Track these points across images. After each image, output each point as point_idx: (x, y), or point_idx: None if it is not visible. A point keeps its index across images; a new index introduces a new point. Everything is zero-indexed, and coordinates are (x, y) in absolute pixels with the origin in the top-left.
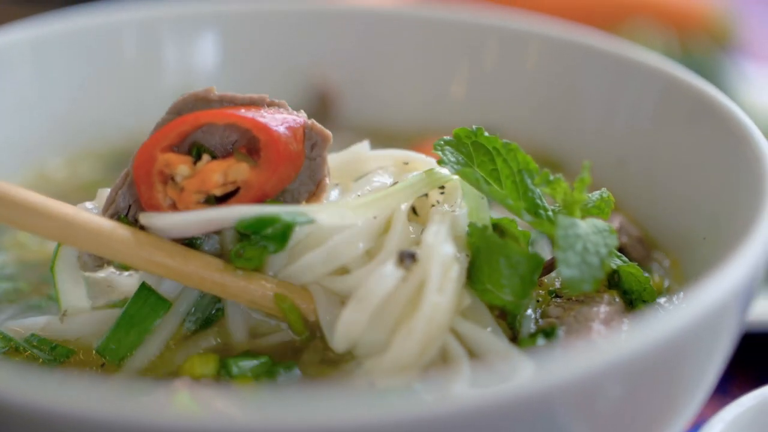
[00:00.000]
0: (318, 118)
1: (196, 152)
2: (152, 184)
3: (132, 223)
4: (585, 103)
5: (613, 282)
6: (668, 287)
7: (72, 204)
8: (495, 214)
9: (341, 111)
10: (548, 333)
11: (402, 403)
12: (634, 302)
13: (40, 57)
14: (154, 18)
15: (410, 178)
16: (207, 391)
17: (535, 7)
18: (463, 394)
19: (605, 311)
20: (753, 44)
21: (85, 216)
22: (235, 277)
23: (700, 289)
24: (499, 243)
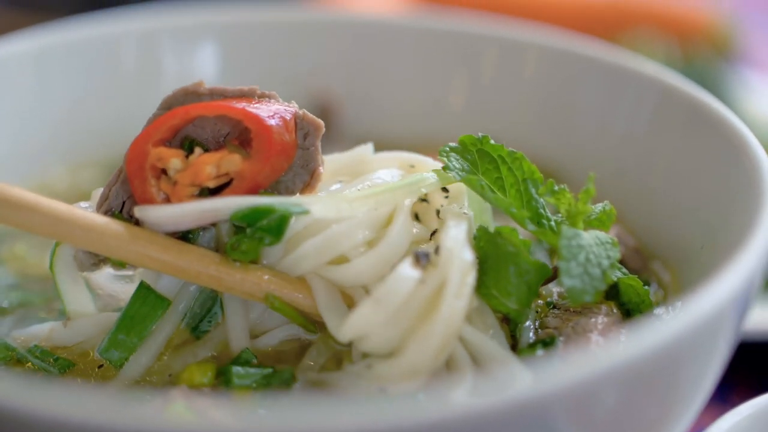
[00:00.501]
0: None
1: (188, 146)
2: (145, 178)
3: (127, 219)
4: (582, 112)
5: (610, 293)
6: (665, 297)
7: None
8: (496, 223)
9: (341, 121)
10: (547, 343)
11: (398, 411)
12: (632, 313)
13: (41, 67)
14: (153, 28)
15: (413, 176)
16: (203, 401)
17: (538, 16)
18: (461, 402)
19: (603, 322)
20: (755, 53)
21: (78, 212)
22: (231, 269)
23: (696, 297)
24: (509, 251)
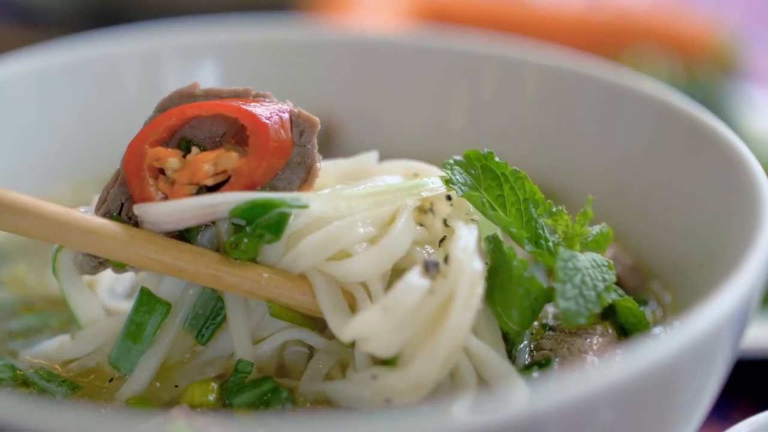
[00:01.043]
0: (320, 147)
1: (185, 147)
2: (143, 178)
3: (125, 221)
4: (581, 130)
5: (606, 313)
6: (664, 316)
7: None
8: None
9: (344, 140)
10: (543, 365)
11: (394, 427)
12: (628, 333)
13: (44, 86)
14: (155, 48)
15: (416, 180)
16: (204, 419)
17: (539, 32)
18: (460, 419)
19: (599, 342)
20: (758, 69)
21: (76, 215)
22: (231, 268)
23: (692, 317)
24: (523, 275)
